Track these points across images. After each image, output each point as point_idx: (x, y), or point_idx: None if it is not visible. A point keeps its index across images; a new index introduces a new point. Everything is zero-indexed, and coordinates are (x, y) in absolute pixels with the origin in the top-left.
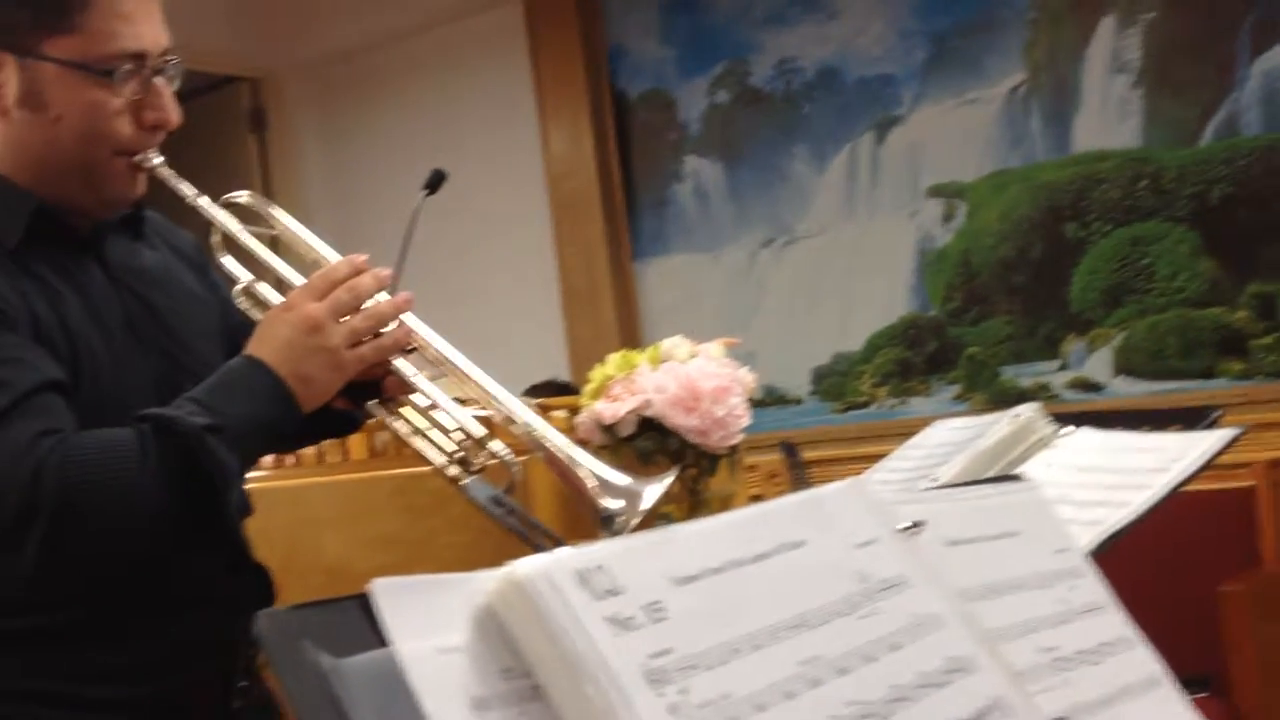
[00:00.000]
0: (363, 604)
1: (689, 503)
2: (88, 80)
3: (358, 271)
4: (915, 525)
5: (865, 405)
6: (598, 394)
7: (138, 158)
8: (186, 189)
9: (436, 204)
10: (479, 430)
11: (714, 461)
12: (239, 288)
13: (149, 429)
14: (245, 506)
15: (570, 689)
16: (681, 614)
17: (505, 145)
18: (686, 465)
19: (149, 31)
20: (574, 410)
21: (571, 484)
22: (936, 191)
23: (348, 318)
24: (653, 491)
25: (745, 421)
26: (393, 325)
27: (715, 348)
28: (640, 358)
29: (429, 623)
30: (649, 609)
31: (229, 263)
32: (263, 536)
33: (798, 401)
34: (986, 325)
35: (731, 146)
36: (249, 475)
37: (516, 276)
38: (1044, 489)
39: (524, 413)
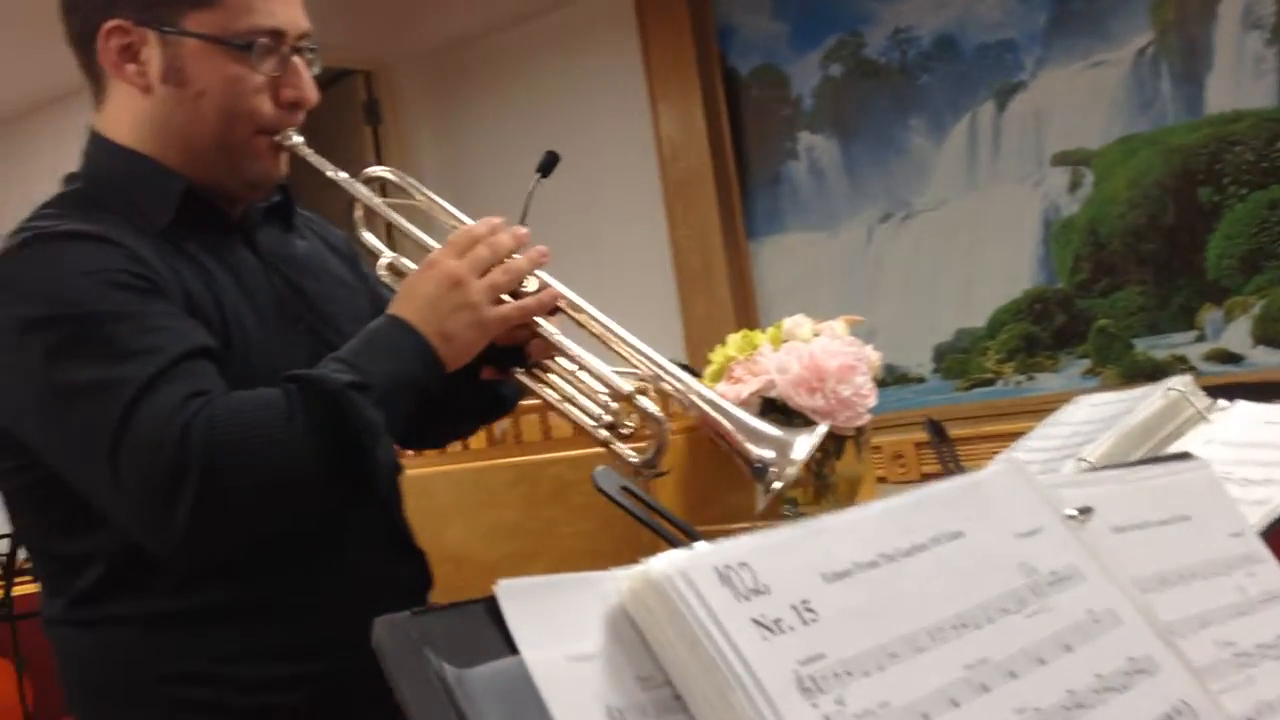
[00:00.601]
0: (488, 608)
1: (815, 486)
2: (227, 54)
3: (495, 230)
4: (1083, 511)
5: (991, 383)
6: (719, 376)
7: (278, 137)
8: (327, 166)
9: (550, 188)
10: (627, 387)
11: (840, 443)
12: (383, 262)
13: (295, 388)
14: (395, 464)
15: (714, 699)
16: (833, 614)
17: (617, 128)
18: None
19: (284, 11)
20: None
21: (721, 436)
22: (1061, 159)
23: (488, 274)
24: (804, 442)
25: (872, 401)
26: (533, 284)
27: (839, 325)
28: (761, 338)
29: (558, 627)
30: (798, 609)
31: (370, 238)
32: None
33: (920, 380)
34: (1117, 297)
35: (846, 121)
36: None
37: (631, 258)
38: (1213, 468)
39: (672, 368)
